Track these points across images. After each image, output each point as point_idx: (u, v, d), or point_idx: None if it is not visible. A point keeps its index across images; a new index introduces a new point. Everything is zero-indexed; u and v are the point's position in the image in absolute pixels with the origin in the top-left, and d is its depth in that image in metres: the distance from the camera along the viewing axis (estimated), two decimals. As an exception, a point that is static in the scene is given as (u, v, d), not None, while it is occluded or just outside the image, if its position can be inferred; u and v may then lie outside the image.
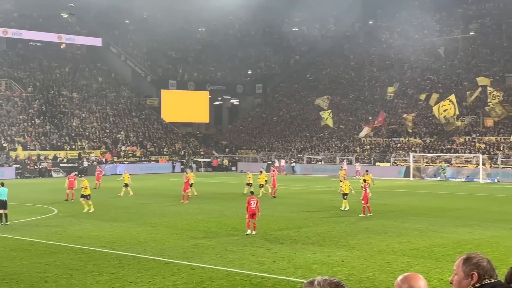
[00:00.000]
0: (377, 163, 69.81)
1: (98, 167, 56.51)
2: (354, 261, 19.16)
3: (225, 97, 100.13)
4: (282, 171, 68.56)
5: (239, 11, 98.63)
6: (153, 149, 79.34)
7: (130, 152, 76.91)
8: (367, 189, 31.41)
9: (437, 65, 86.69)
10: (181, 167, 73.79)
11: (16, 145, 70.21)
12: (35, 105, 77.32)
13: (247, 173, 44.64)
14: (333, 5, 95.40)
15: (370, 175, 40.73)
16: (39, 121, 75.42)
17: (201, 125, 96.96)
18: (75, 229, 26.34)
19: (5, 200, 27.84)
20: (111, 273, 17.46)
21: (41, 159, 68.78)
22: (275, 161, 72.64)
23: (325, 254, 20.32)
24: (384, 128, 76.07)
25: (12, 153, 68.63)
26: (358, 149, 74.67)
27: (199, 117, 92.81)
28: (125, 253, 20.53)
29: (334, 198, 38.23)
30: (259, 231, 24.60)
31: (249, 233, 24.12)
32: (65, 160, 70.34)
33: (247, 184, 42.26)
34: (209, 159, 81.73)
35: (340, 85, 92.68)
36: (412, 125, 72.93)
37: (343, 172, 46.60)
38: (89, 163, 70.37)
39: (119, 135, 79.19)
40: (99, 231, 25.72)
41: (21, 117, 74.77)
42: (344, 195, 33.28)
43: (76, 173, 46.59)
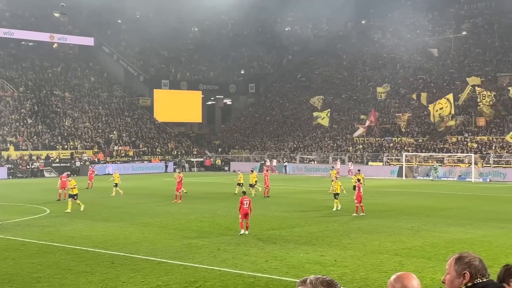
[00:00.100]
0: (370, 163, 69.98)
1: (90, 167, 56.39)
2: (347, 260, 19.18)
3: (217, 96, 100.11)
4: (274, 171, 68.58)
5: (232, 10, 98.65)
6: (146, 149, 79.24)
7: (122, 152, 76.79)
8: (360, 189, 31.38)
9: (430, 65, 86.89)
10: (174, 166, 73.78)
11: (8, 145, 69.99)
12: (27, 105, 77.08)
13: (238, 173, 44.76)
14: (325, 4, 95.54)
15: (362, 174, 40.77)
16: (31, 121, 75.19)
17: (194, 124, 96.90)
18: (67, 229, 26.26)
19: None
20: (103, 273, 17.42)
21: (33, 159, 68.57)
22: (266, 161, 72.64)
23: (318, 253, 20.33)
24: (376, 127, 76.20)
25: (4, 153, 68.41)
26: (350, 148, 74.75)
27: (191, 117, 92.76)
28: (117, 253, 20.48)
29: (326, 197, 38.27)
30: (252, 230, 24.59)
31: (242, 233, 24.11)
32: (58, 160, 70.17)
33: (238, 184, 42.41)
34: (202, 159, 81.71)
35: (332, 84, 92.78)
36: (405, 125, 73.07)
37: (334, 172, 46.57)
38: (82, 163, 70.24)
39: (112, 135, 79.05)
40: (91, 231, 25.66)
41: (13, 117, 74.53)
42: (335, 195, 33.30)
43: (68, 173, 46.51)
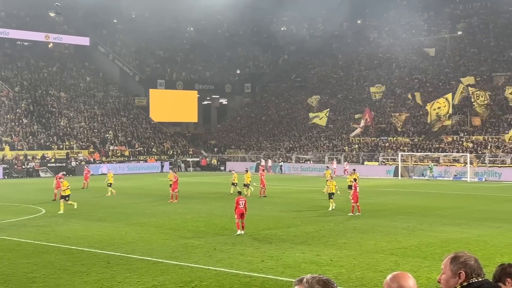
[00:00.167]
0: (366, 162, 70.00)
1: (86, 167, 56.32)
2: (342, 260, 19.18)
3: (213, 96, 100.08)
4: (269, 171, 68.57)
5: (228, 10, 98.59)
6: (142, 148, 79.16)
7: (118, 151, 76.69)
8: (357, 188, 31.35)
9: (425, 65, 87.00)
10: (170, 166, 73.70)
11: (3, 145, 69.83)
12: (23, 105, 76.93)
13: (232, 172, 44.82)
14: (321, 4, 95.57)
15: (357, 174, 40.76)
16: (26, 121, 75.06)
17: (190, 124, 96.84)
18: (63, 229, 26.21)
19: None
20: (99, 273, 17.39)
21: (29, 159, 68.45)
22: (261, 161, 72.62)
23: (313, 253, 20.33)
24: (372, 127, 76.24)
25: (-1, 153, 68.36)
26: (346, 148, 74.78)
27: (187, 117, 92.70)
28: (113, 253, 20.45)
29: (322, 197, 38.24)
30: (247, 230, 24.58)
31: (239, 233, 24.06)
32: (53, 160, 70.06)
33: (232, 183, 42.47)
34: (198, 159, 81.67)
35: (328, 84, 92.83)
36: (402, 125, 73.03)
37: (328, 172, 46.59)
38: (77, 163, 70.14)
39: (107, 135, 78.95)
40: (87, 231, 25.61)
41: (8, 116, 74.38)
42: (331, 195, 33.23)
43: (64, 173, 46.44)
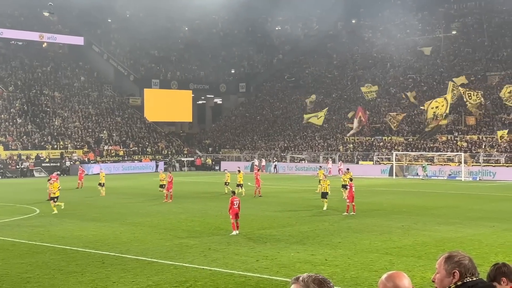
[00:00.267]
0: (360, 162, 70.02)
1: (80, 166, 56.25)
2: (337, 259, 19.19)
3: (208, 96, 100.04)
4: (262, 170, 68.53)
5: (222, 10, 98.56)
6: (136, 148, 79.07)
7: (113, 151, 76.58)
8: (352, 188, 31.34)
9: (420, 64, 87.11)
10: (165, 166, 73.70)
11: (-3, 144, 69.76)
12: (17, 105, 76.76)
13: (225, 172, 44.92)
14: (316, 4, 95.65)
15: (351, 173, 40.76)
16: (20, 121, 74.89)
17: (184, 124, 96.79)
18: (57, 229, 26.16)
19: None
20: (94, 273, 17.37)
21: (23, 158, 68.30)
22: (254, 160, 72.60)
23: (308, 252, 20.34)
24: (367, 127, 76.25)
25: (-7, 153, 68.20)
26: (341, 147, 74.80)
27: (182, 116, 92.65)
28: (108, 253, 20.43)
29: (317, 197, 38.20)
30: (242, 230, 24.57)
31: (234, 233, 24.02)
32: (47, 159, 69.92)
33: (225, 183, 42.49)
34: (193, 158, 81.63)
35: (323, 84, 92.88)
36: (397, 124, 72.97)
37: (321, 171, 46.67)
38: (72, 162, 70.02)
39: (102, 135, 78.83)
40: (81, 231, 25.57)
41: (2, 116, 74.17)
42: (325, 194, 33.15)
43: (58, 172, 46.36)
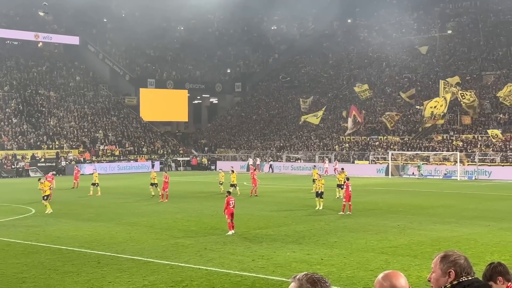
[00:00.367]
0: (356, 161, 70.04)
1: (75, 166, 56.17)
2: (333, 259, 19.21)
3: (204, 95, 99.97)
4: (258, 169, 68.54)
5: (218, 9, 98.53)
6: (132, 148, 78.99)
7: (108, 151, 76.50)
8: (349, 187, 31.33)
9: (415, 64, 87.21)
10: (160, 166, 73.70)
11: (-7, 144, 69.62)
12: (12, 104, 76.61)
13: (219, 171, 44.95)
14: (311, 3, 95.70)
15: (345, 172, 40.77)
16: (16, 120, 74.74)
17: (180, 123, 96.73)
18: (53, 229, 26.12)
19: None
20: (89, 273, 17.35)
21: (18, 158, 68.18)
22: (249, 160, 72.56)
23: (304, 252, 20.35)
24: (363, 126, 76.22)
25: (-12, 153, 68.05)
26: (337, 147, 74.83)
27: (178, 116, 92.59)
28: (103, 253, 20.42)
29: (313, 196, 38.21)
30: (238, 230, 24.57)
31: (230, 233, 24.01)
32: (43, 159, 69.80)
33: (220, 183, 42.49)
34: (188, 158, 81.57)
35: (318, 83, 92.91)
36: (394, 123, 72.95)
37: (315, 171, 46.71)
38: (67, 162, 69.92)
39: (98, 134, 78.73)
40: (77, 231, 25.54)
41: (-3, 116, 74.10)
42: (320, 194, 33.13)
43: (54, 172, 46.30)
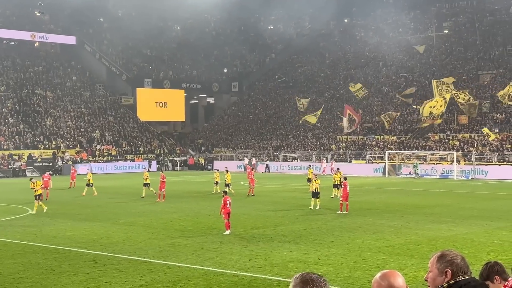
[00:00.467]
0: (353, 161, 70.07)
1: (72, 166, 56.10)
2: (330, 258, 19.21)
3: (200, 95, 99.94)
4: (254, 169, 68.54)
5: (215, 9, 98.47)
6: (129, 148, 78.94)
7: (105, 151, 76.44)
8: (347, 187, 31.35)
9: (412, 63, 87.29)
10: (157, 165, 73.69)
11: (-11, 144, 69.51)
12: (9, 104, 76.51)
13: (215, 171, 44.98)
14: (308, 3, 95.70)
15: (341, 172, 40.76)
16: (12, 120, 74.65)
17: (177, 123, 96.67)
18: (49, 229, 26.09)
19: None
20: (86, 273, 17.33)
21: (15, 158, 68.10)
22: (244, 159, 72.48)
23: (301, 251, 20.36)
24: (360, 126, 76.16)
25: (-15, 153, 67.95)
26: (334, 147, 74.85)
27: (174, 116, 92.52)
28: (100, 253, 20.40)
29: (310, 196, 38.20)
30: (235, 229, 24.57)
31: (227, 233, 23.99)
32: (40, 159, 69.72)
33: (215, 183, 42.52)
34: (185, 158, 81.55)
35: (315, 83, 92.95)
36: (391, 123, 72.87)
37: (311, 170, 46.66)
38: (64, 162, 69.84)
39: (94, 134, 78.66)
40: (74, 230, 25.51)
41: (-6, 116, 74.01)
42: (316, 194, 33.10)
43: (50, 172, 46.25)
